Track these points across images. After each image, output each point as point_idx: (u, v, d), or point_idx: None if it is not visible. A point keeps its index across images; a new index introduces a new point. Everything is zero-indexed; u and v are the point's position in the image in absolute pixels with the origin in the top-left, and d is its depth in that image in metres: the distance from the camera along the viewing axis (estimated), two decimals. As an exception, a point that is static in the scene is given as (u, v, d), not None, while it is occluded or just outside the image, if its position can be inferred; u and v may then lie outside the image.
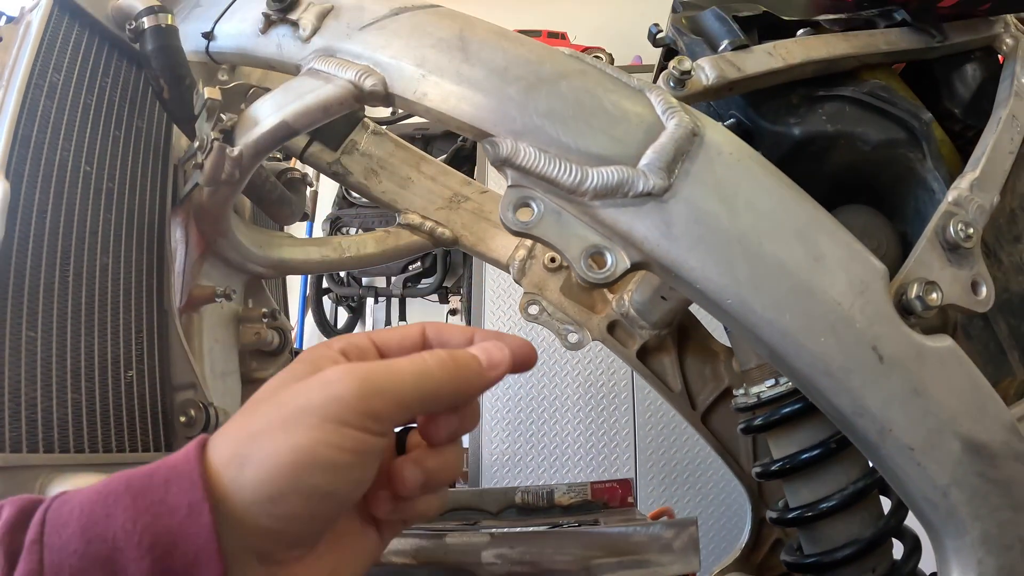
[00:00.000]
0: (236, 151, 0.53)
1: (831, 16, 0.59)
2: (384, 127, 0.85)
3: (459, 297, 2.67)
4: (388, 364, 0.30)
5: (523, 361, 0.33)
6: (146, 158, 0.65)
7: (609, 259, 0.40)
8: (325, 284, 2.71)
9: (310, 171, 0.87)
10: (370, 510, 0.32)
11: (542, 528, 0.68)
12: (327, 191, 2.63)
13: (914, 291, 0.41)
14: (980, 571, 0.40)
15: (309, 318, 2.73)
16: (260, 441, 0.27)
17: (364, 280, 2.74)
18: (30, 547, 0.26)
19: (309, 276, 2.67)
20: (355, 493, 0.29)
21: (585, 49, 2.53)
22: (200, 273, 0.65)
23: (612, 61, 2.53)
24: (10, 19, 0.64)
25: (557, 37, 2.56)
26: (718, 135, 0.43)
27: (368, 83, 0.47)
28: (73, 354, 0.50)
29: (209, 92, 0.54)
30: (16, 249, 0.48)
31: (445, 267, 2.59)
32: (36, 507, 0.28)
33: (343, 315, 2.89)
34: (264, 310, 0.73)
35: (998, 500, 0.40)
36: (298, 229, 2.41)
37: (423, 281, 2.69)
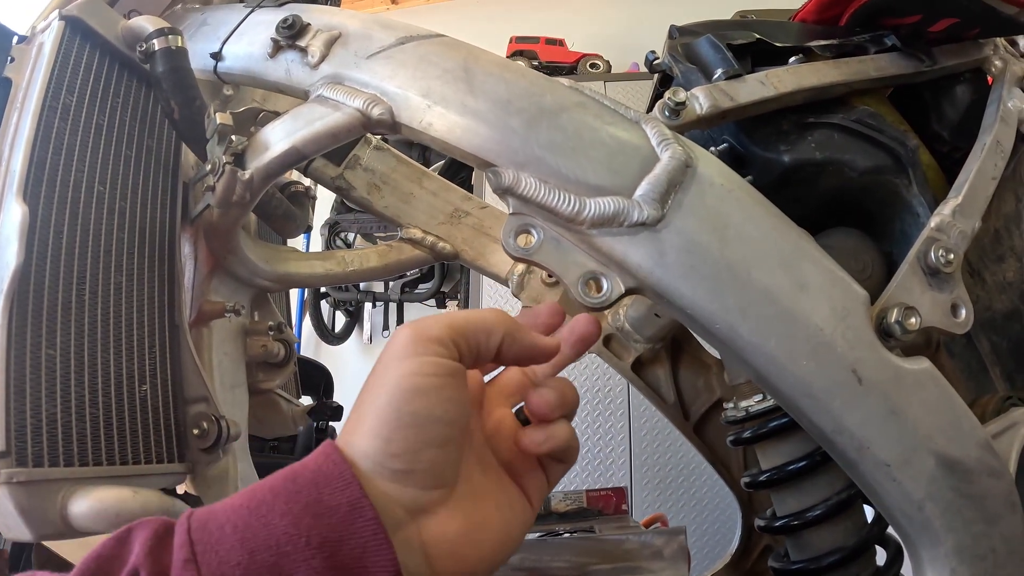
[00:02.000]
0: (247, 175, 0.54)
1: (823, 42, 0.60)
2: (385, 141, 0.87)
3: (456, 302, 2.69)
4: (442, 313, 0.35)
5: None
6: (156, 176, 0.66)
7: (605, 285, 0.42)
8: (323, 288, 2.72)
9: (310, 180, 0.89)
10: (518, 444, 0.35)
11: (540, 535, 0.71)
12: (325, 196, 2.64)
13: (894, 316, 0.43)
14: (954, 581, 0.42)
15: (307, 322, 2.74)
16: (363, 407, 0.32)
17: (362, 285, 2.75)
18: (184, 566, 0.26)
19: (307, 280, 2.68)
20: (454, 413, 0.32)
21: (583, 56, 2.54)
22: (209, 289, 0.67)
23: (610, 68, 2.55)
24: (21, 38, 0.65)
25: (555, 44, 2.56)
26: (710, 166, 0.45)
27: (376, 112, 0.49)
28: (90, 370, 0.52)
29: (221, 117, 0.56)
30: (35, 270, 0.50)
31: (442, 273, 2.61)
32: (171, 528, 0.28)
33: (340, 319, 2.91)
34: (270, 323, 0.75)
35: (972, 513, 0.42)
36: (297, 233, 2.41)
37: (420, 286, 2.71)
